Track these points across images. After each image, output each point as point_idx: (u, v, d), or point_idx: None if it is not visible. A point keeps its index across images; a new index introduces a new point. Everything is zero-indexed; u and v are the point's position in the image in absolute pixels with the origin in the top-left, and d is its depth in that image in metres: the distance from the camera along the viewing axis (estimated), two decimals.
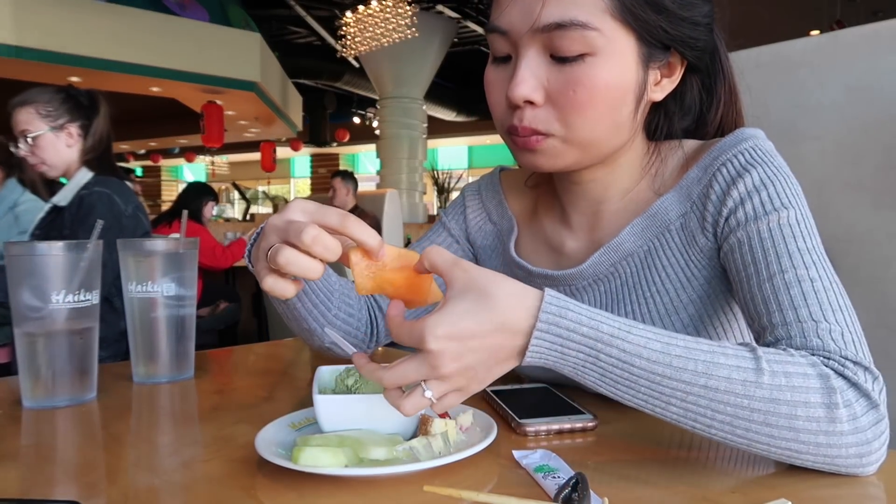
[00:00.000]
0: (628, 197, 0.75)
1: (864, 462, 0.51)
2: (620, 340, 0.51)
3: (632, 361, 0.51)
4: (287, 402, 0.79)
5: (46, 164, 1.78)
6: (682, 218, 0.70)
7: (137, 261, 0.87)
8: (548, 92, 0.65)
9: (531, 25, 0.63)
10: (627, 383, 0.51)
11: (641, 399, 0.52)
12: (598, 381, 0.52)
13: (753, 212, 0.64)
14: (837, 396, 0.51)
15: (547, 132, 0.66)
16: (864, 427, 0.51)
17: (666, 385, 0.51)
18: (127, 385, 0.86)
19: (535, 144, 0.67)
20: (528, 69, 0.64)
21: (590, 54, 0.63)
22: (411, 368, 0.49)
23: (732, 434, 0.51)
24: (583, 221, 0.79)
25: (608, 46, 0.63)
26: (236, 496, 0.49)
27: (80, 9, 6.60)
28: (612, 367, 0.51)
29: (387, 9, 7.88)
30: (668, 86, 0.70)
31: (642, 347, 0.51)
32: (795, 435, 0.50)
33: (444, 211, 0.94)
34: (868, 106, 0.90)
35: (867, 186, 0.91)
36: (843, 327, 0.56)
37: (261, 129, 11.75)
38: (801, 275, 0.59)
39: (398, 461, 0.52)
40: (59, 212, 1.74)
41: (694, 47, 0.68)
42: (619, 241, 0.73)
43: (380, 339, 0.89)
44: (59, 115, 1.76)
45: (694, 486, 0.50)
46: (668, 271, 0.71)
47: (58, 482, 0.54)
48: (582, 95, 0.63)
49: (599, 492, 0.47)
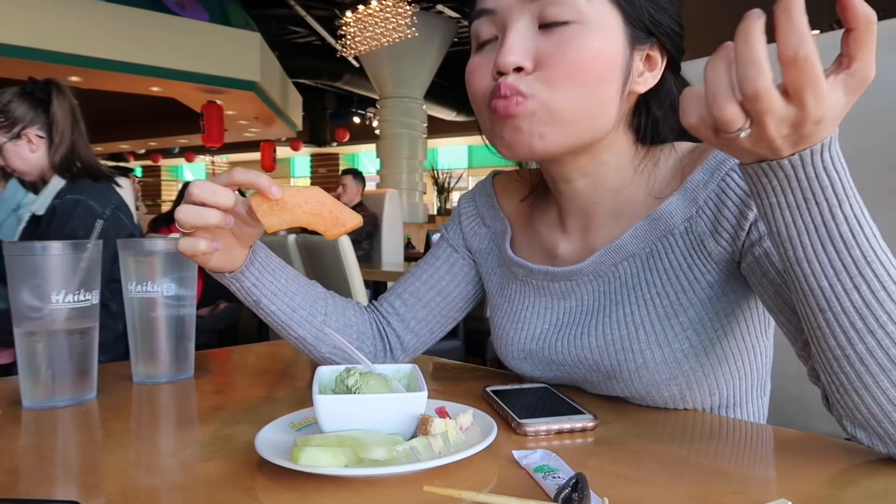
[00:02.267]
0: (620, 198, 0.75)
1: None
2: (860, 206, 0.50)
3: (863, 227, 0.49)
4: (287, 402, 0.79)
5: (17, 172, 1.69)
6: (688, 222, 0.70)
7: (137, 261, 0.87)
8: (536, 59, 0.66)
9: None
10: (840, 244, 0.49)
11: (834, 267, 0.50)
12: (816, 226, 0.50)
13: None
14: None
15: (528, 93, 0.65)
16: None
17: (873, 269, 0.49)
18: (127, 385, 0.86)
19: (514, 108, 0.66)
20: (519, 38, 0.66)
21: (577, 22, 0.64)
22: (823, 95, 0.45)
23: (876, 350, 0.50)
24: (577, 223, 0.79)
25: (596, 18, 0.65)
26: (236, 496, 0.49)
27: (79, 8, 6.60)
28: (845, 220, 0.49)
29: (387, 8, 7.88)
30: (651, 80, 0.70)
31: (870, 227, 0.50)
32: None
33: (444, 225, 0.95)
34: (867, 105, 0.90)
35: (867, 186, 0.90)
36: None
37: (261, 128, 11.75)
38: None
39: (398, 461, 0.52)
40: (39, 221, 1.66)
41: (673, 40, 0.70)
42: (621, 242, 0.73)
43: (396, 358, 0.89)
44: (14, 123, 1.65)
45: (694, 486, 0.50)
46: (669, 274, 0.71)
47: (58, 482, 0.54)
48: (572, 57, 0.64)
49: (599, 492, 0.47)
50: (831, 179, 0.48)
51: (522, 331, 0.80)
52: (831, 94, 0.45)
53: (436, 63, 9.82)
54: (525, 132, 0.67)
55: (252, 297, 0.77)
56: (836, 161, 0.48)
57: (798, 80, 0.43)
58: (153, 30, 7.12)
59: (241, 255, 0.74)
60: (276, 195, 0.62)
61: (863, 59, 0.44)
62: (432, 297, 0.89)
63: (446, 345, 2.95)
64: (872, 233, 0.50)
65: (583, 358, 0.74)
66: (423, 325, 0.89)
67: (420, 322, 0.89)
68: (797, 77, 0.43)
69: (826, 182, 0.48)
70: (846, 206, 0.49)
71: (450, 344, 2.99)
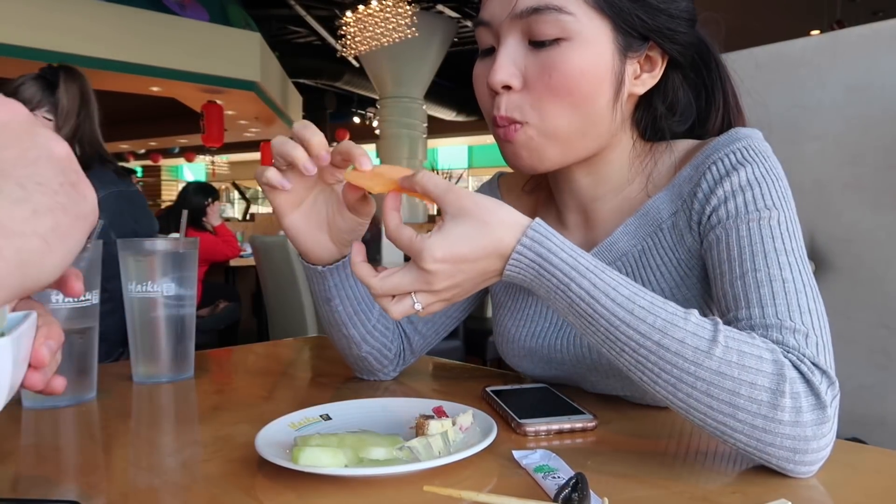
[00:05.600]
0: (622, 196, 0.76)
1: (798, 459, 0.51)
2: (593, 276, 0.53)
3: (598, 298, 0.53)
4: (287, 402, 0.79)
5: None
6: (673, 217, 0.70)
7: (137, 261, 0.87)
8: (525, 77, 0.66)
9: (510, 12, 0.65)
10: (590, 319, 0.54)
11: (599, 338, 0.54)
12: (566, 310, 0.55)
13: (736, 210, 0.64)
14: (786, 385, 0.51)
15: (522, 120, 0.67)
16: (806, 423, 0.50)
17: (622, 332, 0.52)
18: (127, 385, 0.86)
19: (511, 135, 0.68)
20: (507, 55, 0.67)
21: (565, 39, 0.64)
22: (406, 281, 0.55)
23: (674, 396, 0.52)
24: (578, 220, 0.79)
25: (583, 32, 0.64)
26: (236, 496, 0.49)
27: (80, 8, 6.60)
28: (580, 299, 0.53)
29: (387, 9, 7.88)
30: (650, 81, 0.70)
31: (611, 289, 0.53)
32: (734, 412, 0.51)
33: None
34: (868, 106, 0.90)
35: (867, 186, 0.91)
36: (808, 329, 0.56)
37: (261, 128, 11.75)
38: (773, 274, 0.59)
39: (398, 461, 0.52)
40: None
41: (673, 40, 0.69)
42: (613, 240, 0.73)
43: (406, 359, 0.90)
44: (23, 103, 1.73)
45: (694, 486, 0.50)
46: (661, 271, 0.71)
47: (58, 482, 0.54)
48: (557, 80, 0.65)
49: (599, 492, 0.47)
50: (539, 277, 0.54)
51: (524, 328, 0.80)
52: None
53: (436, 63, 9.82)
54: (525, 157, 0.69)
55: (327, 295, 0.77)
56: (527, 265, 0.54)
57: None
58: (153, 30, 7.12)
59: (328, 249, 0.73)
60: (367, 167, 0.61)
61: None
62: None
63: (446, 345, 2.95)
64: (614, 286, 0.53)
65: (581, 356, 0.75)
66: (429, 327, 0.90)
67: (427, 324, 0.90)
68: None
69: (544, 280, 0.54)
70: (574, 286, 0.53)
71: (450, 344, 2.99)
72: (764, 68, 1.00)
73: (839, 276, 0.91)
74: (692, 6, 0.70)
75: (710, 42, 0.75)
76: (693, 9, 0.70)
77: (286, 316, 3.10)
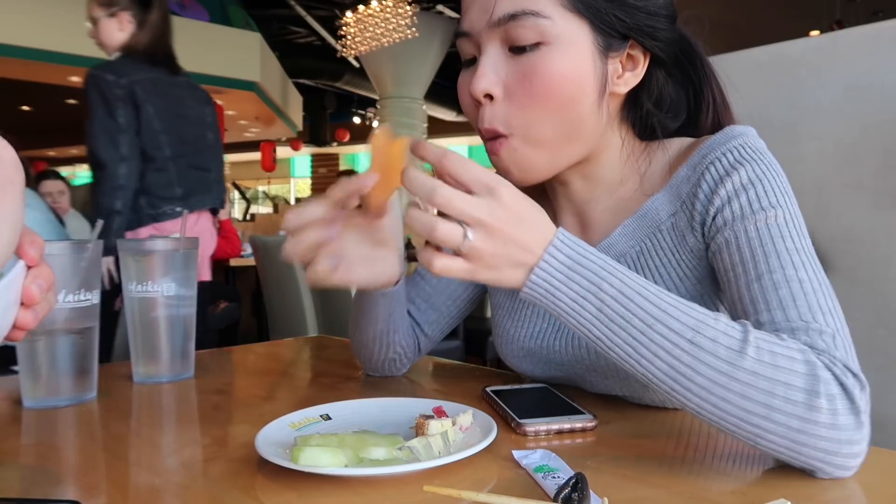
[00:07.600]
0: (615, 196, 0.76)
1: (831, 461, 0.50)
2: (624, 276, 0.53)
3: (632, 297, 0.52)
4: (287, 402, 0.79)
5: (100, 46, 2.13)
6: (673, 218, 0.70)
7: (137, 261, 0.87)
8: (507, 85, 0.66)
9: (488, 20, 0.65)
10: (622, 322, 0.51)
11: (631, 345, 0.52)
12: (595, 315, 0.52)
13: (741, 210, 0.64)
14: (821, 386, 0.50)
15: (507, 132, 0.67)
16: (842, 426, 0.50)
17: (657, 330, 0.51)
18: (127, 385, 0.86)
19: (498, 148, 0.68)
20: (488, 64, 0.66)
21: (544, 43, 0.64)
22: (471, 203, 0.51)
23: (706, 402, 0.51)
24: (573, 222, 0.79)
25: (562, 36, 0.64)
26: (236, 496, 0.49)
27: (80, 8, 6.58)
28: (613, 299, 0.52)
29: (387, 9, 7.87)
30: (632, 79, 0.70)
31: (642, 287, 0.52)
32: (769, 413, 0.50)
33: None
34: (868, 106, 0.90)
35: (867, 186, 0.91)
36: (834, 330, 0.56)
37: (261, 128, 11.74)
38: (789, 275, 0.59)
39: (398, 461, 0.52)
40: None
41: (654, 37, 0.68)
42: (611, 241, 0.73)
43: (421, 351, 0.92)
44: (114, 4, 2.08)
45: (694, 486, 0.50)
46: (660, 271, 0.71)
47: (58, 482, 0.54)
48: (538, 85, 0.64)
49: (599, 492, 0.47)
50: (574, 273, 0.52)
51: (522, 329, 0.80)
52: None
53: (436, 63, 9.81)
54: (514, 171, 0.70)
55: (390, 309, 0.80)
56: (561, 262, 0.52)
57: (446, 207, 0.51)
58: None
59: (393, 265, 0.72)
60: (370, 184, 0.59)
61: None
62: (442, 301, 0.90)
63: (446, 345, 2.95)
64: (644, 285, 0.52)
65: (580, 357, 0.75)
66: (433, 328, 0.91)
67: (431, 325, 0.90)
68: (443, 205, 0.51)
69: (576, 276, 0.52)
70: (606, 286, 0.52)
71: (450, 344, 2.99)
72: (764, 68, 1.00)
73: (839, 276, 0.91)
74: (671, 2, 0.70)
75: (692, 39, 0.75)
76: (672, 5, 0.70)
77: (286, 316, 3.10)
